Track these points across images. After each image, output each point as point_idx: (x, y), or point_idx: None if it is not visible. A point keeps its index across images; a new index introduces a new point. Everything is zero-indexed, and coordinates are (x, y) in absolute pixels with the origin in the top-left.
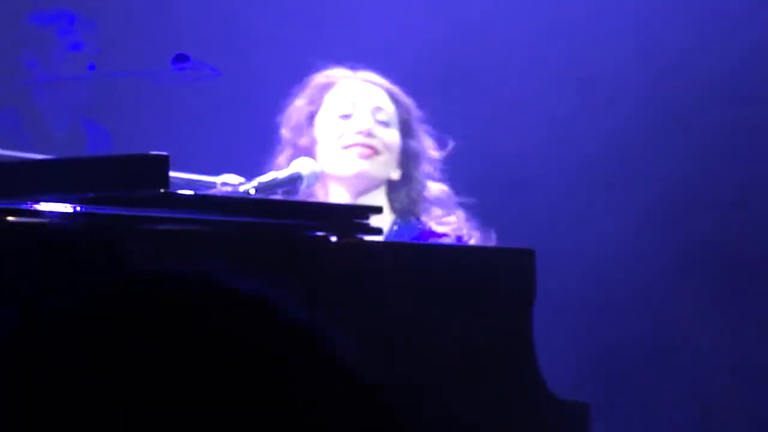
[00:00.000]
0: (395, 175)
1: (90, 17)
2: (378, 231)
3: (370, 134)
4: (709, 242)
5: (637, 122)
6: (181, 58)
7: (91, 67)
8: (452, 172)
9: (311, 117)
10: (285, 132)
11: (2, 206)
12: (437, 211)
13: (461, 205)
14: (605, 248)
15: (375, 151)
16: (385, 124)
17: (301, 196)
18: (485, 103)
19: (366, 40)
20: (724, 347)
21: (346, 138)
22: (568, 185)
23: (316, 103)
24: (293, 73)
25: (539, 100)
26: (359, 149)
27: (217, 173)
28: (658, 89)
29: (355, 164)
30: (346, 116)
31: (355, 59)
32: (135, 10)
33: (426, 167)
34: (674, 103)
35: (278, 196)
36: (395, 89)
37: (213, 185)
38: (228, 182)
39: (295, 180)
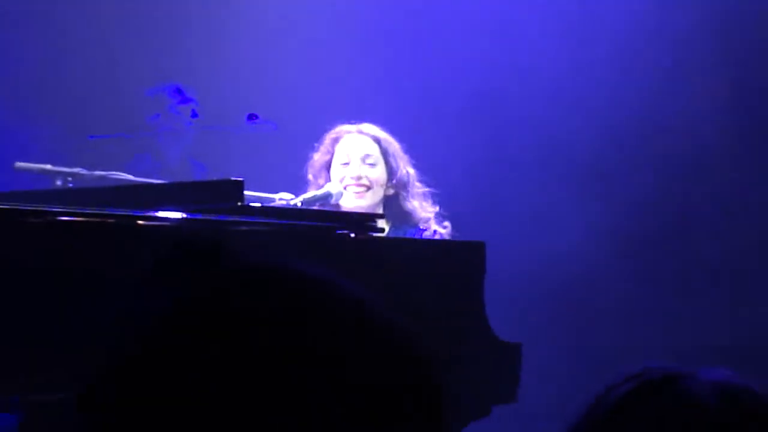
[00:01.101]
0: (389, 192)
1: (191, 88)
2: (381, 230)
3: (360, 177)
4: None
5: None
6: (252, 117)
7: (194, 114)
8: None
9: (328, 164)
10: (310, 175)
11: (134, 213)
12: (430, 221)
13: (445, 215)
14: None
15: (367, 188)
16: (373, 165)
17: (331, 207)
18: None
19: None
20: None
21: (345, 180)
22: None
23: (329, 152)
24: (325, 123)
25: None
26: (355, 189)
27: (275, 191)
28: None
29: (352, 201)
30: (346, 164)
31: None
32: (230, 83)
33: (412, 188)
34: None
35: (316, 207)
36: (381, 135)
37: (272, 200)
38: (283, 198)
39: (327, 197)
